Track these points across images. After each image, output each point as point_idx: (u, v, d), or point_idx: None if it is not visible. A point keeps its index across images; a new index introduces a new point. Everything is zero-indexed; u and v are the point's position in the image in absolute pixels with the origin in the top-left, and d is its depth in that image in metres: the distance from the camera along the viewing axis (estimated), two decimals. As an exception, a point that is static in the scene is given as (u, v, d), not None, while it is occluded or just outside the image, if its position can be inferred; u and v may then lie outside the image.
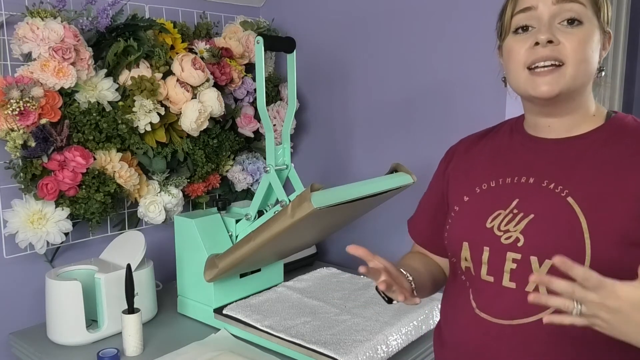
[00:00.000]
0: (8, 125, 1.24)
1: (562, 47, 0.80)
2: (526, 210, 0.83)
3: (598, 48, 0.83)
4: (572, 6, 0.81)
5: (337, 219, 1.33)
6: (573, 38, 0.80)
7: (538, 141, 0.89)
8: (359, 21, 1.74)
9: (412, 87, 1.65)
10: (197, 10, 1.73)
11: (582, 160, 0.83)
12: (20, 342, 1.33)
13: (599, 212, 0.78)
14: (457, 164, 1.00)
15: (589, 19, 0.81)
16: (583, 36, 0.81)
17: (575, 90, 0.82)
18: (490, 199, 0.89)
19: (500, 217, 0.86)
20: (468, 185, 0.94)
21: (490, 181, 0.90)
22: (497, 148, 0.95)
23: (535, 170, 0.86)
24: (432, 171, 1.65)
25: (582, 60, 0.81)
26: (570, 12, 0.81)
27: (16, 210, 1.32)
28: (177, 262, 1.43)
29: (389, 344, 1.19)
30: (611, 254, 0.76)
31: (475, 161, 0.96)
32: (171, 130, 1.56)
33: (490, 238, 0.85)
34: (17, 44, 1.30)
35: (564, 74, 0.80)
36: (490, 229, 0.86)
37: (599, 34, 0.82)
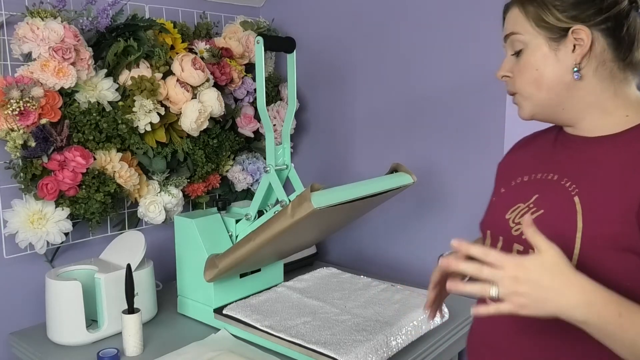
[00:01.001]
0: (8, 125, 1.24)
1: (513, 79, 0.87)
2: (539, 206, 0.85)
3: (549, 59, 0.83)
4: (511, 39, 0.86)
5: (337, 219, 1.33)
6: (517, 68, 0.86)
7: (572, 139, 0.89)
8: (359, 21, 1.74)
9: (412, 87, 1.66)
10: (197, 10, 1.73)
11: (601, 160, 0.83)
12: (20, 342, 1.33)
13: (596, 214, 0.78)
14: (508, 158, 1.03)
15: (532, 38, 0.84)
16: (523, 63, 0.85)
17: (552, 105, 0.85)
18: (518, 192, 0.91)
19: (517, 210, 0.88)
20: (507, 179, 0.96)
21: (524, 176, 0.93)
22: (543, 144, 0.96)
23: (561, 167, 0.88)
24: (432, 171, 1.66)
25: (528, 84, 0.85)
26: (512, 46, 0.87)
27: (16, 210, 1.32)
28: (177, 262, 1.43)
29: (389, 344, 1.19)
30: (597, 256, 0.77)
31: (520, 157, 0.99)
32: (171, 130, 1.56)
33: (505, 229, 0.88)
34: (17, 44, 1.30)
35: (521, 102, 0.88)
36: (507, 220, 0.88)
37: (545, 47, 0.83)
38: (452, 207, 1.61)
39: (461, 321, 1.39)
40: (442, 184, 1.63)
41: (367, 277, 1.57)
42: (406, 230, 1.74)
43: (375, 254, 1.83)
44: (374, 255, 1.83)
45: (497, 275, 0.69)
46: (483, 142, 1.53)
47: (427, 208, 1.68)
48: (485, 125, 1.52)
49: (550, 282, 0.68)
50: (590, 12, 0.80)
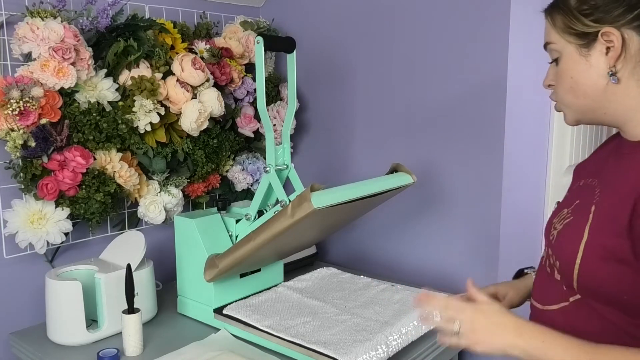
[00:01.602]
0: (8, 125, 1.24)
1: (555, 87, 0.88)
2: (572, 213, 0.87)
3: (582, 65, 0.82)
4: (549, 49, 0.87)
5: (337, 219, 1.33)
6: (557, 77, 0.87)
7: (622, 143, 0.86)
8: (359, 21, 1.74)
9: (412, 87, 1.66)
10: (197, 10, 1.73)
11: (626, 168, 0.82)
12: (20, 342, 1.33)
13: (601, 224, 0.79)
14: (585, 160, 1.02)
15: (564, 46, 0.84)
16: (561, 71, 0.85)
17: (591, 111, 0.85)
18: (570, 197, 0.94)
19: (560, 215, 0.90)
20: (574, 183, 0.98)
21: (581, 180, 0.94)
22: (608, 146, 0.94)
23: (602, 173, 0.87)
24: (432, 171, 1.66)
25: (566, 92, 0.85)
26: (550, 55, 0.88)
27: (16, 210, 1.32)
28: (177, 262, 1.43)
29: (389, 344, 1.19)
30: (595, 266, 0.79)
31: (592, 158, 0.99)
32: (171, 130, 1.56)
33: (549, 233, 0.93)
34: (17, 44, 1.30)
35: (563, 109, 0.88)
36: (552, 225, 0.92)
37: (575, 53, 0.82)
38: (452, 207, 1.61)
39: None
40: (442, 184, 1.63)
41: (367, 277, 1.57)
42: (406, 231, 1.74)
43: (375, 254, 1.83)
44: (374, 255, 1.83)
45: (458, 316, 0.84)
46: (483, 142, 1.53)
47: (427, 208, 1.68)
48: (485, 126, 1.52)
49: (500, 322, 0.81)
50: (619, 12, 0.77)
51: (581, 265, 0.80)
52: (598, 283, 0.79)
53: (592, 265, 0.79)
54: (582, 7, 0.80)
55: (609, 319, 0.81)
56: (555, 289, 0.88)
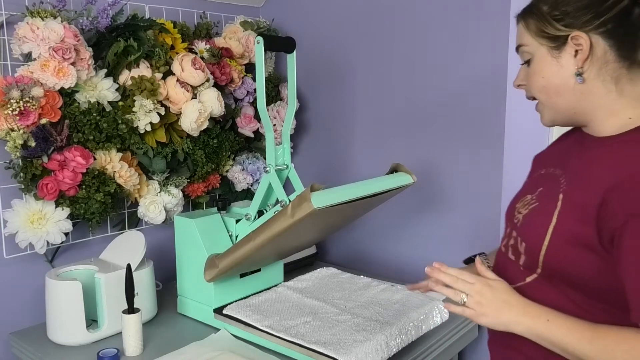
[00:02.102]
0: (8, 125, 1.24)
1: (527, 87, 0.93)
2: (537, 199, 0.92)
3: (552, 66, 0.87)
4: (520, 51, 0.92)
5: (337, 219, 1.33)
6: (528, 77, 0.92)
7: (586, 137, 0.92)
8: (359, 21, 1.74)
9: (412, 87, 1.66)
10: (197, 10, 1.73)
11: (592, 160, 0.87)
12: (20, 342, 1.33)
13: (569, 211, 0.85)
14: (543, 151, 1.08)
15: (536, 48, 0.89)
16: (533, 71, 0.90)
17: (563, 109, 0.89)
18: (532, 184, 0.99)
19: (524, 200, 0.95)
20: (534, 170, 1.04)
21: (543, 168, 0.99)
22: (569, 139, 1.00)
23: (566, 163, 0.93)
24: (432, 171, 1.66)
25: (538, 92, 0.91)
26: (522, 56, 0.92)
27: (16, 210, 1.32)
28: (177, 262, 1.43)
29: (389, 344, 1.19)
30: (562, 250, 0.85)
31: (552, 149, 1.05)
32: (171, 130, 1.56)
33: (512, 216, 0.97)
34: (17, 44, 1.30)
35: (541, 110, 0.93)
36: (515, 209, 0.97)
37: (547, 55, 0.87)
38: (452, 207, 1.61)
39: (461, 321, 1.40)
40: (442, 184, 1.63)
41: (367, 277, 1.57)
42: (406, 231, 1.74)
43: (375, 254, 1.83)
44: (374, 255, 1.83)
45: (467, 288, 0.88)
46: (483, 142, 1.53)
47: (427, 208, 1.68)
48: (485, 125, 1.52)
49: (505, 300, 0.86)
50: (588, 18, 0.82)
51: (548, 248, 0.86)
52: (563, 264, 0.85)
53: (558, 248, 0.85)
54: (553, 13, 0.85)
55: (570, 298, 0.86)
56: (512, 269, 0.94)
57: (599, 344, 0.78)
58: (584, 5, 0.83)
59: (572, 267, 0.84)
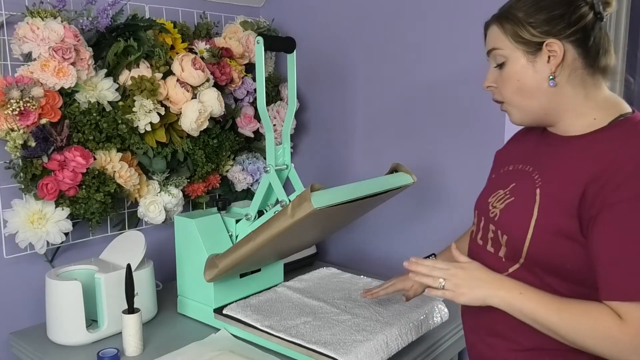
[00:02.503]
0: (8, 125, 1.24)
1: (498, 89, 0.97)
2: (512, 194, 0.97)
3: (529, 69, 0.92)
4: (493, 54, 0.96)
5: (337, 219, 1.33)
6: (501, 80, 0.96)
7: (552, 137, 0.98)
8: (359, 21, 1.74)
9: (412, 87, 1.66)
10: (197, 10, 1.73)
11: (564, 158, 0.93)
12: (20, 342, 1.33)
13: (550, 205, 0.90)
14: (505, 147, 1.14)
15: (511, 52, 0.93)
16: (505, 74, 0.94)
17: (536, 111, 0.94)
18: (501, 179, 1.04)
19: (497, 195, 1.01)
20: (499, 166, 1.09)
21: (509, 165, 1.04)
22: (531, 138, 1.05)
23: (536, 161, 0.98)
24: (432, 171, 1.66)
25: (512, 93, 0.95)
26: (494, 60, 0.96)
27: (16, 210, 1.32)
28: (177, 262, 1.43)
29: (389, 344, 1.19)
30: (545, 241, 0.90)
31: (513, 148, 1.10)
32: (171, 130, 1.56)
33: (486, 210, 1.02)
34: (17, 44, 1.30)
35: (509, 110, 0.97)
36: (488, 204, 1.02)
37: (523, 59, 0.92)
38: (452, 207, 1.61)
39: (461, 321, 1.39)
40: (442, 184, 1.63)
41: (367, 277, 1.57)
42: (406, 230, 1.74)
43: (375, 254, 1.83)
44: (374, 255, 1.83)
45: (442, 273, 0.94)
46: (483, 141, 1.53)
47: (427, 208, 1.68)
48: (485, 125, 1.52)
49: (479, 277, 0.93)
50: (561, 27, 0.89)
51: (532, 240, 0.91)
52: (546, 255, 0.90)
53: (541, 240, 0.90)
54: (529, 20, 0.91)
55: (551, 286, 0.91)
56: (492, 260, 0.98)
57: (565, 315, 0.85)
58: (557, 15, 0.89)
59: (555, 257, 0.90)
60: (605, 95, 0.94)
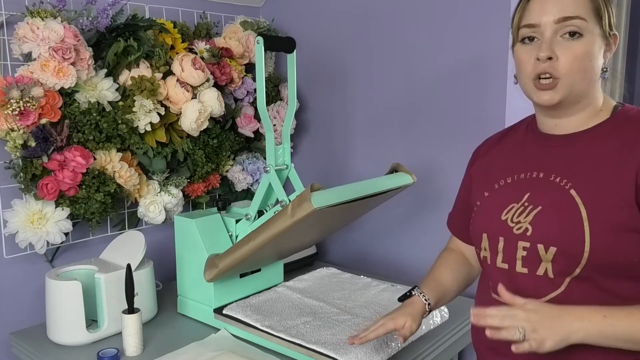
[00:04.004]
0: (8, 125, 1.24)
1: (559, 62, 0.87)
2: (535, 203, 0.91)
3: (599, 54, 0.88)
4: (573, 22, 0.86)
5: (337, 219, 1.33)
6: (570, 53, 0.86)
7: (548, 138, 0.95)
8: (359, 21, 1.74)
9: (412, 87, 1.66)
10: (197, 10, 1.73)
11: (586, 153, 0.90)
12: (20, 342, 1.33)
13: (598, 202, 0.85)
14: (479, 164, 1.08)
15: (590, 30, 0.87)
16: (581, 49, 0.86)
17: (577, 95, 0.89)
18: (506, 193, 0.97)
19: (513, 210, 0.94)
20: (488, 182, 1.02)
21: (507, 177, 0.98)
22: (514, 145, 1.02)
23: (545, 165, 0.94)
24: (432, 171, 1.66)
25: (578, 71, 0.87)
26: (571, 27, 0.86)
27: (16, 210, 1.32)
28: (177, 262, 1.43)
29: (389, 344, 1.19)
30: (608, 240, 0.84)
31: (495, 160, 1.04)
32: (171, 130, 1.56)
33: (504, 229, 0.94)
34: (17, 44, 1.30)
35: (561, 87, 0.88)
36: (505, 221, 0.94)
37: (600, 41, 0.88)
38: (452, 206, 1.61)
39: (461, 321, 1.39)
40: (442, 184, 1.63)
41: (367, 277, 1.57)
42: (406, 230, 1.74)
43: (375, 254, 1.83)
44: (374, 255, 1.83)
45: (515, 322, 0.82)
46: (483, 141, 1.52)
47: (427, 208, 1.68)
48: (486, 125, 1.52)
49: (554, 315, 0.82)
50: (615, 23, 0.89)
51: (592, 242, 0.84)
52: (610, 254, 0.83)
53: (602, 240, 0.84)
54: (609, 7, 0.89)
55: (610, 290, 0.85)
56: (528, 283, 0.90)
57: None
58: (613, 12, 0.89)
59: (620, 255, 0.83)
60: None
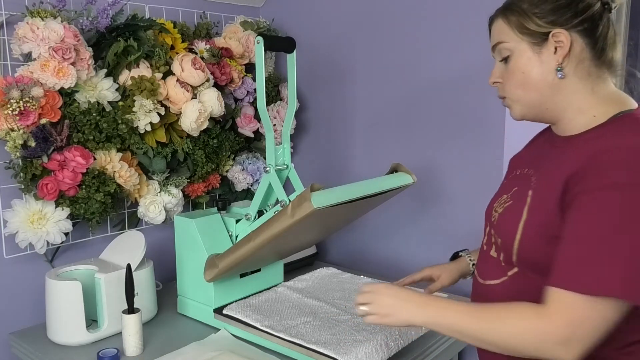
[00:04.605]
0: (8, 125, 1.24)
1: (504, 84, 0.95)
2: (512, 197, 0.97)
3: (535, 62, 0.90)
4: (499, 48, 0.94)
5: (337, 219, 1.33)
6: (506, 74, 0.94)
7: (554, 138, 0.97)
8: (359, 21, 1.74)
9: (412, 87, 1.66)
10: (197, 10, 1.73)
11: (559, 158, 0.91)
12: (20, 342, 1.33)
13: (536, 204, 0.90)
14: (518, 153, 1.12)
15: (515, 47, 0.91)
16: (511, 68, 0.93)
17: (537, 105, 0.93)
18: (508, 184, 1.03)
19: (500, 200, 1.00)
20: (509, 172, 1.08)
21: (518, 170, 1.03)
22: (539, 142, 1.06)
23: (536, 163, 0.97)
24: (432, 171, 1.66)
25: (516, 87, 0.93)
26: (499, 54, 0.95)
27: (16, 210, 1.32)
28: (177, 262, 1.43)
29: (389, 344, 1.19)
30: (533, 240, 0.89)
31: (525, 151, 1.10)
32: (171, 130, 1.56)
33: (490, 215, 1.03)
34: (17, 44, 1.30)
35: (511, 104, 0.95)
36: (492, 209, 1.02)
37: (529, 50, 0.90)
38: (453, 207, 1.61)
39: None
40: (442, 184, 1.63)
41: (367, 277, 1.57)
42: (406, 230, 1.74)
43: (375, 254, 1.83)
44: (374, 255, 1.83)
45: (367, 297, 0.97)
46: (483, 141, 1.53)
47: (427, 208, 1.68)
48: (485, 125, 1.52)
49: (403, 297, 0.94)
50: (568, 16, 0.87)
51: (520, 241, 0.90)
52: (534, 256, 0.89)
53: (529, 241, 0.89)
54: (534, 10, 0.89)
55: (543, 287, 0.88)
56: (494, 265, 0.98)
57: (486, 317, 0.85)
58: (563, 4, 0.87)
59: (543, 258, 0.86)
60: (610, 91, 0.91)
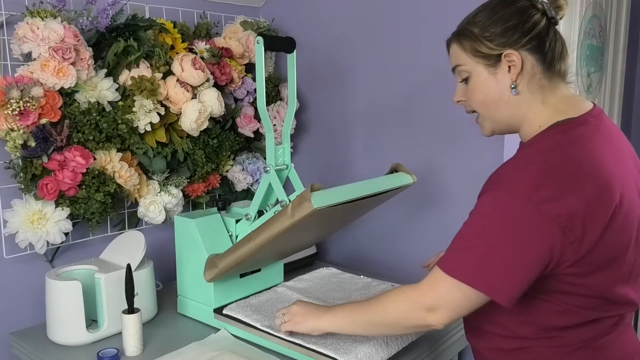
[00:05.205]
0: (8, 125, 1.24)
1: (467, 102, 1.03)
2: None
3: (490, 81, 0.96)
4: (458, 70, 1.01)
5: (337, 219, 1.33)
6: (468, 94, 1.01)
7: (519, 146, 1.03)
8: (359, 21, 1.74)
9: (412, 87, 1.66)
10: (197, 10, 1.73)
11: None
12: (20, 342, 1.33)
13: None
14: None
15: (473, 67, 0.98)
16: (472, 88, 0.99)
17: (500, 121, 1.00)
18: None
19: None
20: None
21: None
22: None
23: None
24: (432, 171, 1.66)
25: (479, 105, 1.00)
26: (459, 75, 1.02)
27: (16, 210, 1.32)
28: (177, 262, 1.43)
29: (389, 344, 1.19)
30: None
31: None
32: (171, 130, 1.56)
33: None
34: (17, 44, 1.30)
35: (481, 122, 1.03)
36: None
37: (484, 72, 0.97)
38: (453, 206, 1.61)
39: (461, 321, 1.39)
40: (442, 184, 1.63)
41: (367, 277, 1.57)
42: (406, 230, 1.74)
43: (375, 254, 1.83)
44: (374, 255, 1.83)
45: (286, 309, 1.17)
46: (483, 141, 1.52)
47: (427, 208, 1.68)
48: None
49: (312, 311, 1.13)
50: (516, 37, 0.93)
51: None
52: None
53: None
54: (484, 34, 0.95)
55: None
56: None
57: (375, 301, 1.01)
58: (510, 26, 0.93)
59: None
60: (559, 99, 0.96)
